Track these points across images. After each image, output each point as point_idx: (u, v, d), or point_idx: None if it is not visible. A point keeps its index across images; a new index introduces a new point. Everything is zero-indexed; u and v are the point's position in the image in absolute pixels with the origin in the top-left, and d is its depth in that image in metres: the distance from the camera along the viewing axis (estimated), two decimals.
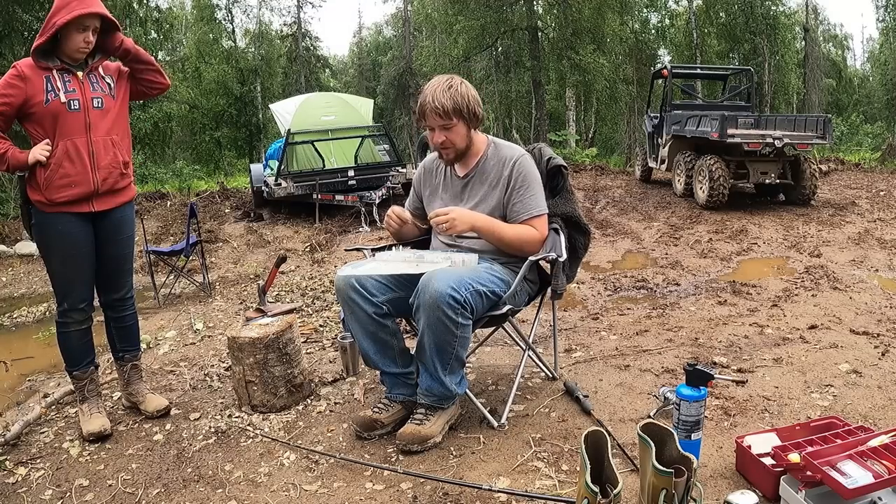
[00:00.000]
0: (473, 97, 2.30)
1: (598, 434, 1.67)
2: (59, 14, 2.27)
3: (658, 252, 5.98)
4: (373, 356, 2.36)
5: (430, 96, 2.25)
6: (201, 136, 27.04)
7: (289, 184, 8.14)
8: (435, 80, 2.32)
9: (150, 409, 2.69)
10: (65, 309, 2.52)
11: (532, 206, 2.38)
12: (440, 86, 2.26)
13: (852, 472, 1.68)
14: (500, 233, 2.33)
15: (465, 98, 2.26)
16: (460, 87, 2.27)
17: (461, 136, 2.33)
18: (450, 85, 2.26)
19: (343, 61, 43.42)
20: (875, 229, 6.45)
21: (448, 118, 2.26)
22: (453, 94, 2.24)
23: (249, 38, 30.43)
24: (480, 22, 19.52)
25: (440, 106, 2.23)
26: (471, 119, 2.32)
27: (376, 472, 2.13)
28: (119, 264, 2.63)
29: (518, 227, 2.37)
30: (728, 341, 3.25)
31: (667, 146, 9.55)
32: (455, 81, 2.29)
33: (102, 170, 2.45)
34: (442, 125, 2.28)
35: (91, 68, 2.43)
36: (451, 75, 2.34)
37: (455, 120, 2.28)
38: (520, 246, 2.36)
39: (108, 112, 2.46)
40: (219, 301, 4.99)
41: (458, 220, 2.23)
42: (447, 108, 2.24)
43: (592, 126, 26.70)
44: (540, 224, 2.40)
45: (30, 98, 2.32)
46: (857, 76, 35.26)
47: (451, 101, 2.24)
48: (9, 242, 7.85)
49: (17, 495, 2.15)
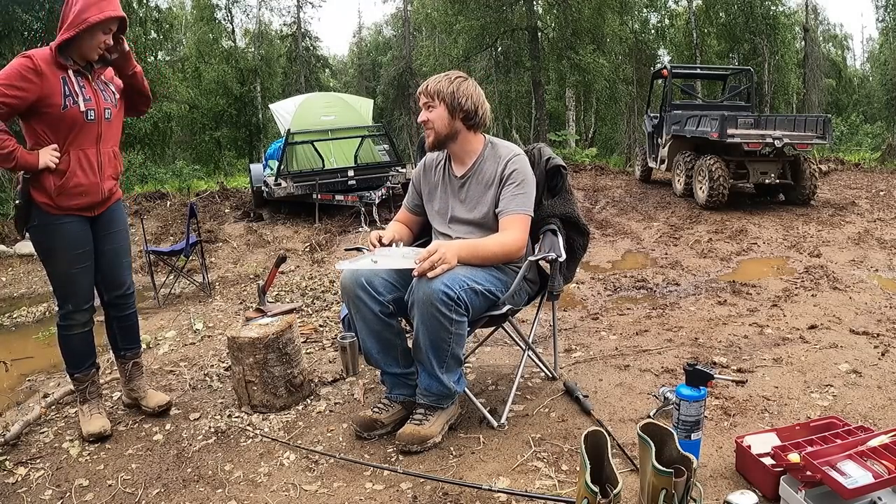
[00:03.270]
0: (465, 92, 2.35)
1: (598, 434, 1.67)
2: (89, 11, 2.23)
3: (658, 252, 5.98)
4: (375, 355, 2.36)
5: (429, 78, 2.40)
6: (201, 136, 27.03)
7: (289, 184, 8.14)
8: (446, 72, 2.44)
9: (152, 405, 2.68)
10: (68, 311, 2.50)
11: (517, 204, 2.34)
12: (443, 74, 2.40)
13: (852, 472, 1.68)
14: (483, 253, 2.29)
15: (454, 88, 2.34)
16: (457, 79, 2.37)
17: (441, 119, 2.36)
18: (451, 76, 2.38)
19: (343, 61, 43.41)
20: (875, 229, 6.45)
21: (430, 98, 2.36)
22: (446, 81, 2.35)
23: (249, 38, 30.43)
24: (480, 22, 19.51)
25: (426, 85, 2.37)
26: (454, 108, 2.35)
27: (376, 472, 2.13)
28: (118, 258, 2.62)
29: (498, 238, 2.33)
30: (728, 341, 3.25)
31: (667, 146, 9.55)
32: (458, 75, 2.40)
33: (108, 180, 2.49)
34: (425, 103, 2.38)
35: (96, 73, 2.42)
36: (466, 75, 2.43)
37: (436, 102, 2.35)
38: (505, 256, 2.34)
39: (114, 123, 2.49)
40: (219, 301, 4.99)
41: (448, 254, 2.18)
42: (430, 89, 2.35)
43: (592, 126, 26.70)
44: (519, 225, 2.34)
45: (45, 97, 2.25)
46: (856, 76, 35.27)
47: (436, 84, 2.35)
48: (9, 242, 7.84)
49: (17, 495, 2.15)
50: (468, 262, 2.26)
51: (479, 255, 2.28)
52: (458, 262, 2.21)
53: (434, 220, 2.58)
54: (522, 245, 2.37)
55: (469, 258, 2.25)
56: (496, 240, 2.33)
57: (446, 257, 2.15)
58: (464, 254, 2.24)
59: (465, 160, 2.46)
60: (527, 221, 2.38)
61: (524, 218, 2.37)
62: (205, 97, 26.38)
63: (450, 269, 2.15)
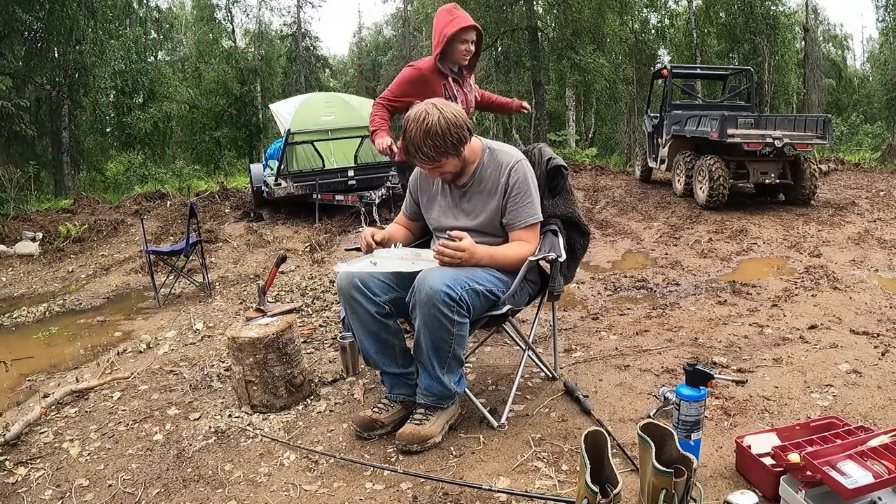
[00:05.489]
0: (453, 124, 2.20)
1: (598, 434, 1.67)
2: (447, 26, 3.02)
3: (658, 252, 5.97)
4: (374, 356, 2.36)
5: (413, 147, 2.21)
6: (201, 136, 27.02)
7: (289, 184, 8.14)
8: (412, 119, 2.22)
9: None
10: None
11: (527, 214, 2.38)
12: (419, 132, 2.18)
13: (852, 472, 1.68)
14: (501, 264, 2.33)
15: (448, 134, 2.19)
16: (437, 124, 2.17)
17: (453, 164, 2.33)
18: (427, 128, 2.17)
19: (343, 61, 43.38)
20: (875, 229, 6.45)
21: (434, 161, 2.25)
22: (434, 136, 2.17)
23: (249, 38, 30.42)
24: (480, 22, 19.47)
25: (425, 157, 2.23)
26: (458, 148, 2.26)
27: (376, 472, 2.13)
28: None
29: (517, 250, 2.36)
30: (728, 341, 3.25)
31: (667, 146, 9.55)
32: (431, 119, 2.17)
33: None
34: (431, 168, 2.30)
35: (464, 79, 2.99)
36: (425, 109, 2.21)
37: (442, 160, 2.26)
38: (518, 264, 2.36)
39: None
40: (219, 301, 4.99)
41: (470, 260, 2.22)
42: (431, 156, 2.22)
43: (592, 126, 26.69)
44: (533, 234, 2.42)
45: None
46: (857, 76, 35.25)
47: (432, 149, 2.20)
48: (9, 242, 7.84)
49: (17, 495, 2.15)
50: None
51: (498, 265, 2.33)
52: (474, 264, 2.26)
53: (435, 229, 2.58)
54: (533, 252, 2.41)
55: (486, 264, 2.30)
56: (516, 253, 2.35)
57: (466, 259, 2.21)
58: (484, 262, 2.28)
59: (465, 169, 2.45)
60: (537, 227, 2.45)
61: (535, 226, 2.43)
62: (205, 97, 26.37)
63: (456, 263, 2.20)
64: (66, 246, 7.79)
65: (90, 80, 15.55)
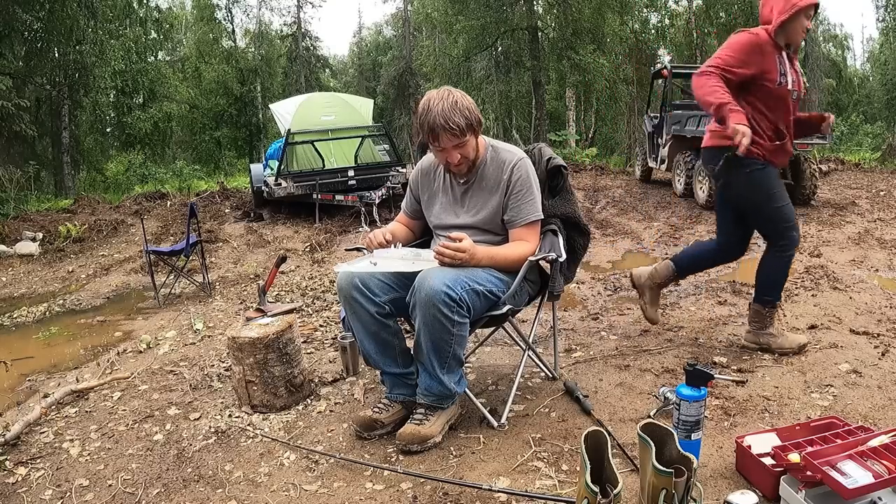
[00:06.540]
0: (474, 105, 2.29)
1: (598, 434, 1.67)
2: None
3: (658, 252, 5.97)
4: (374, 356, 2.36)
5: (442, 118, 2.19)
6: (201, 136, 27.05)
7: (289, 184, 8.14)
8: (434, 97, 2.24)
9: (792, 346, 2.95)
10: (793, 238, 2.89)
11: (528, 212, 2.39)
12: (446, 104, 2.20)
13: (852, 472, 1.68)
14: (502, 264, 2.34)
15: (470, 110, 2.25)
16: (462, 99, 2.24)
17: (472, 148, 2.34)
18: (454, 101, 2.21)
19: (343, 61, 43.43)
20: (875, 229, 6.44)
21: (463, 135, 2.25)
22: (462, 109, 2.21)
23: (249, 38, 30.46)
24: (480, 22, 19.52)
25: (455, 126, 2.20)
26: (478, 128, 2.33)
27: (376, 472, 2.13)
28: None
29: (517, 250, 2.37)
30: (728, 341, 3.25)
31: (667, 146, 9.54)
32: (456, 95, 2.25)
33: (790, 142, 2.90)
34: (456, 144, 2.27)
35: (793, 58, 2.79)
36: (446, 89, 2.28)
37: (468, 136, 2.27)
38: (518, 264, 2.36)
39: (796, 102, 2.85)
40: (219, 301, 5.00)
41: (471, 260, 2.22)
42: (462, 127, 2.21)
43: (592, 126, 26.67)
44: (534, 233, 2.43)
45: (764, 73, 2.67)
46: (857, 76, 35.27)
47: (463, 118, 2.21)
48: (9, 242, 7.85)
49: (17, 495, 2.15)
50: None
51: (498, 265, 2.33)
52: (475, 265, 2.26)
53: (435, 226, 2.58)
54: (533, 251, 2.41)
55: (487, 265, 2.30)
56: (516, 253, 2.36)
57: (466, 260, 2.20)
58: (484, 263, 2.28)
59: (472, 163, 2.45)
60: (538, 226, 2.46)
61: (535, 224, 2.44)
62: (205, 97, 26.41)
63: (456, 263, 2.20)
64: (66, 246, 7.79)
65: (90, 80, 15.57)
